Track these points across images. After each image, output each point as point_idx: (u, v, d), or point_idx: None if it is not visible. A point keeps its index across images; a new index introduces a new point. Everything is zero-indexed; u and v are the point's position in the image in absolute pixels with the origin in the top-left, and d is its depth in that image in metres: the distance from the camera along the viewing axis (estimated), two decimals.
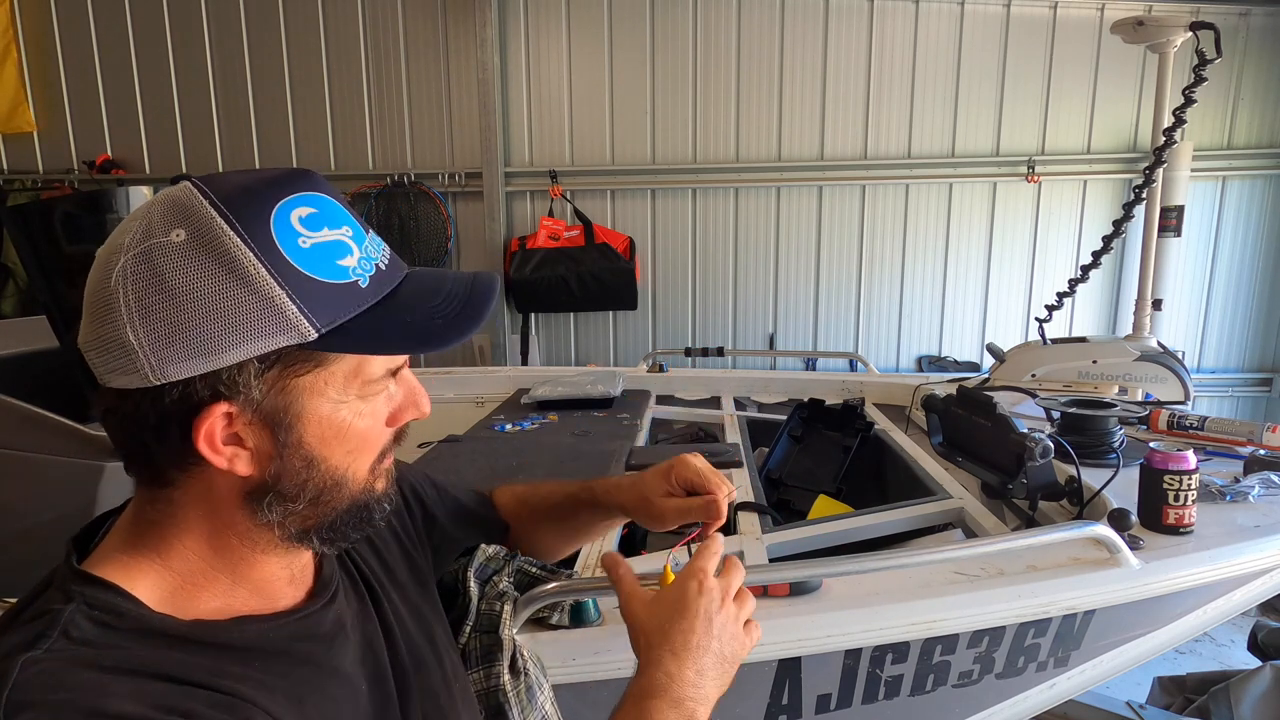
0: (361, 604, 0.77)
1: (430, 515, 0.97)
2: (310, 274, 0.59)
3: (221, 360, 0.57)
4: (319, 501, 0.64)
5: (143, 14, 4.70)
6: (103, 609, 0.57)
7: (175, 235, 0.56)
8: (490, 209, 4.60)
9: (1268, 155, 4.39)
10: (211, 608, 0.63)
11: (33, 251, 1.36)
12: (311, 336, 0.58)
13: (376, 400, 0.66)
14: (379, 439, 0.67)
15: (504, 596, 0.97)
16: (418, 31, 4.59)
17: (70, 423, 1.53)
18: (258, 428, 0.60)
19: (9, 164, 4.95)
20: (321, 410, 0.62)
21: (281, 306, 0.57)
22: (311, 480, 0.63)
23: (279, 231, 0.58)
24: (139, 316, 0.56)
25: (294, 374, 0.60)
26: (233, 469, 0.60)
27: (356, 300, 0.61)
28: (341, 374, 0.62)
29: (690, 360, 3.56)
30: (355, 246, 0.62)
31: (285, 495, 0.63)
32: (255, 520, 0.63)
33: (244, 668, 0.60)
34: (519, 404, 2.68)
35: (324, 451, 0.63)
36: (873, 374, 3.18)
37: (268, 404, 0.60)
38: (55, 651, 0.53)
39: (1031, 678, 1.40)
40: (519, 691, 0.93)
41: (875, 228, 4.60)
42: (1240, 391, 4.63)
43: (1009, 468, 1.59)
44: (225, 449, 0.60)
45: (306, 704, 0.63)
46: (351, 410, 0.64)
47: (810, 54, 4.46)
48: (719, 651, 0.74)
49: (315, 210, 0.61)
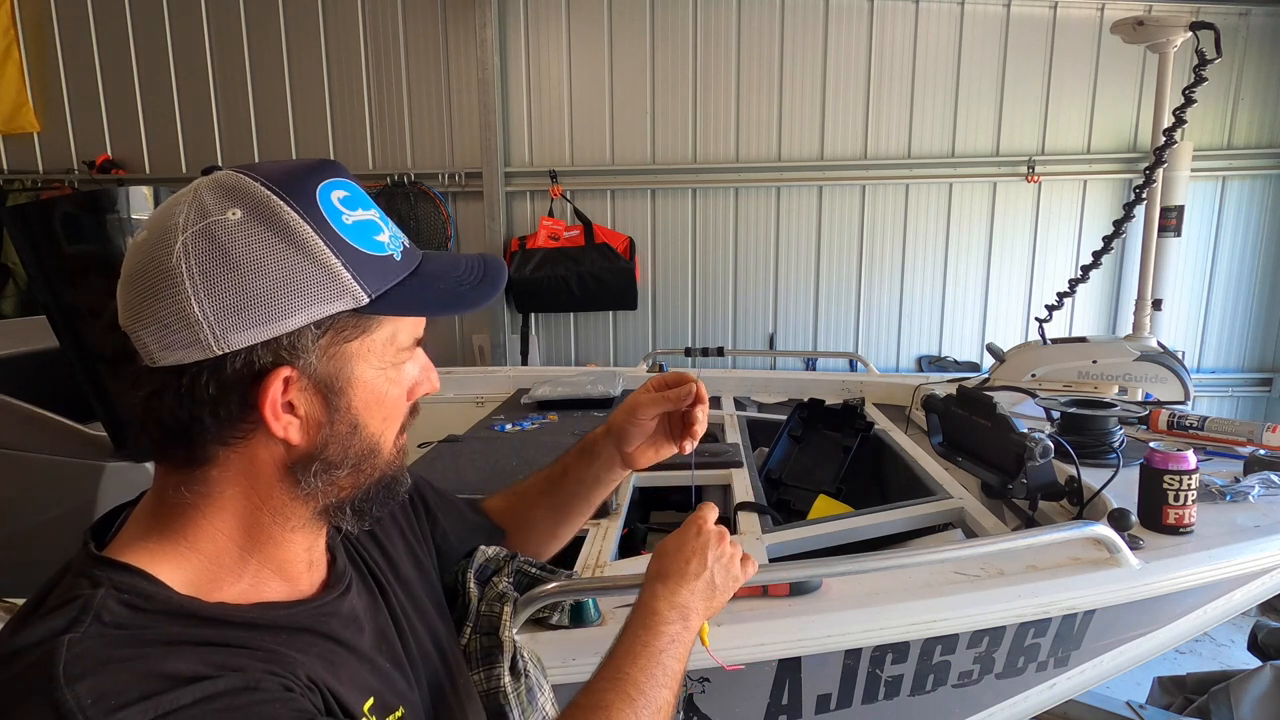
0: (372, 598, 0.79)
1: (433, 515, 0.98)
2: (358, 246, 0.63)
3: (284, 326, 0.60)
4: (359, 469, 0.68)
5: (143, 14, 4.69)
6: (131, 592, 0.58)
7: (232, 214, 0.60)
8: (490, 209, 4.60)
9: (1268, 155, 4.39)
10: (234, 593, 0.65)
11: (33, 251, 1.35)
12: (364, 301, 0.63)
13: (403, 369, 0.70)
14: (403, 409, 0.72)
15: (504, 598, 0.97)
16: (418, 31, 4.59)
17: (70, 423, 1.53)
18: (311, 394, 0.63)
19: (9, 164, 4.95)
20: (367, 376, 0.66)
21: (338, 274, 0.61)
22: (354, 447, 0.67)
23: (326, 208, 0.63)
24: (204, 289, 0.58)
25: (345, 339, 0.64)
26: (286, 437, 0.63)
27: (395, 270, 0.66)
28: (380, 341, 0.67)
29: (690, 360, 3.56)
30: (385, 227, 0.68)
31: (331, 463, 0.66)
32: (296, 492, 0.66)
33: (274, 639, 0.62)
34: (519, 404, 2.68)
35: (366, 417, 0.67)
36: (873, 374, 3.17)
37: (322, 369, 0.63)
38: (92, 634, 0.54)
39: (1031, 678, 1.40)
40: (519, 693, 0.94)
41: (875, 228, 4.60)
42: (1240, 391, 4.63)
43: (1009, 468, 1.59)
44: (284, 415, 0.63)
45: (337, 668, 0.65)
46: (387, 377, 0.68)
47: (810, 54, 4.46)
48: (709, 580, 0.88)
49: (349, 193, 0.66)
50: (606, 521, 1.60)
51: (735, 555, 0.91)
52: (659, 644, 0.80)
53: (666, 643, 0.80)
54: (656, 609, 0.83)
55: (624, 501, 1.73)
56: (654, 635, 0.81)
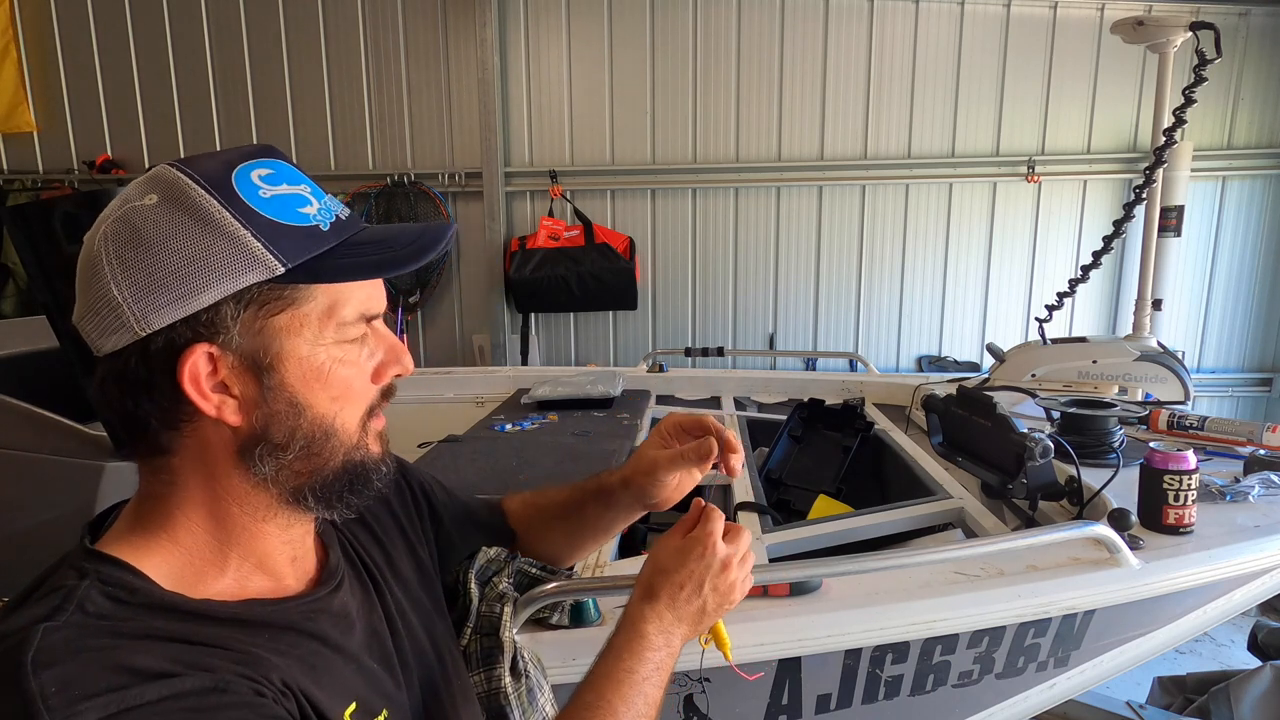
0: (365, 595, 0.78)
1: (437, 516, 0.97)
2: (273, 218, 0.62)
3: (199, 301, 0.60)
4: (310, 453, 0.66)
5: (143, 14, 4.69)
6: (115, 585, 0.59)
7: (148, 199, 0.62)
8: (490, 209, 4.60)
9: (1268, 155, 4.39)
10: (220, 588, 0.65)
11: (33, 251, 1.35)
12: (279, 271, 0.61)
13: (356, 349, 0.68)
14: (364, 391, 0.69)
15: (504, 598, 0.97)
16: (418, 31, 4.59)
17: (70, 423, 1.53)
18: (241, 371, 0.63)
19: (9, 164, 4.95)
20: (300, 350, 0.64)
21: (248, 245, 0.61)
22: (300, 428, 0.65)
23: (240, 185, 0.63)
24: (121, 271, 0.60)
25: (269, 313, 0.63)
26: (222, 417, 0.63)
27: (320, 240, 0.64)
28: (315, 315, 0.65)
29: (690, 360, 3.56)
30: (314, 200, 0.66)
31: (276, 444, 0.64)
32: (251, 477, 0.65)
33: (253, 637, 0.62)
34: (519, 404, 2.68)
35: (307, 396, 0.65)
36: (873, 374, 3.17)
37: (248, 345, 0.62)
38: (72, 623, 0.55)
39: (1031, 678, 1.40)
40: (520, 693, 0.93)
41: (875, 228, 4.60)
42: (1240, 391, 4.63)
43: (1009, 468, 1.59)
44: (213, 395, 0.62)
45: (319, 671, 0.64)
46: (330, 354, 0.66)
47: (810, 54, 4.46)
48: (701, 607, 0.82)
49: (273, 171, 0.65)
50: None
51: (737, 584, 0.84)
52: (643, 671, 0.77)
53: (651, 670, 0.78)
54: (644, 633, 0.80)
55: None
56: (639, 662, 0.78)
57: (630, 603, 0.83)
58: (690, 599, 0.82)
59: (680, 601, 0.81)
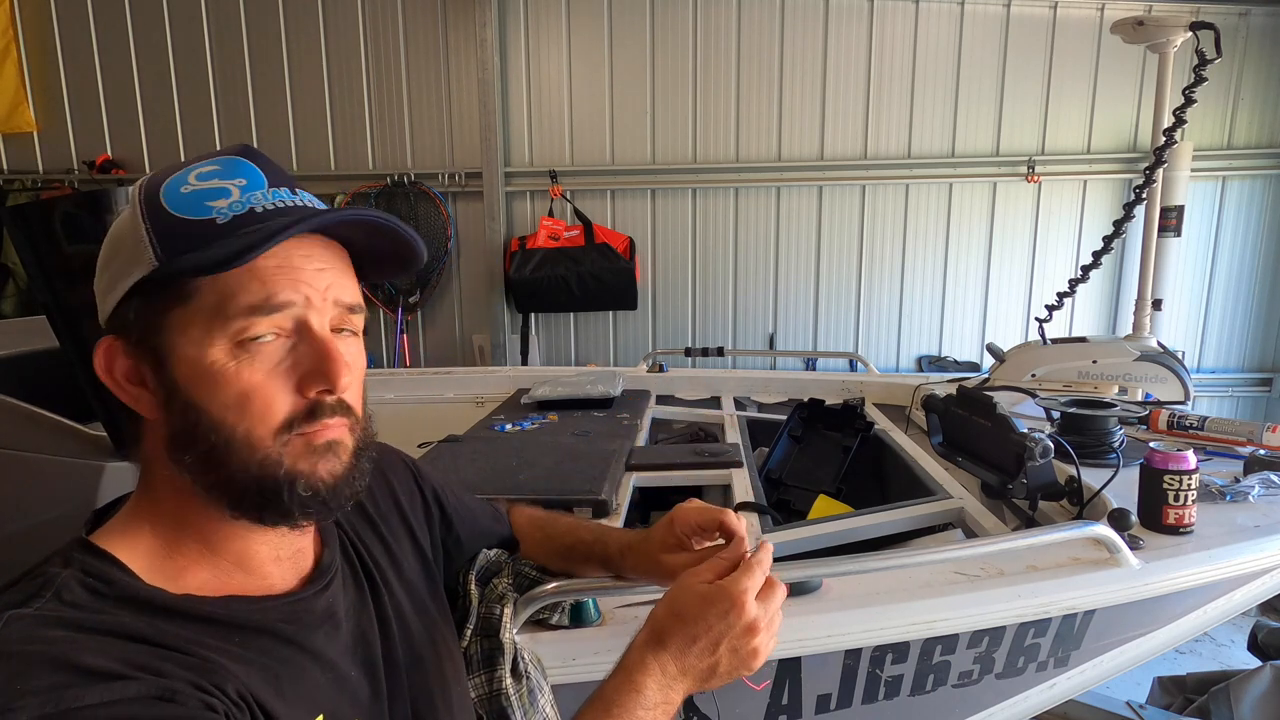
0: (360, 594, 0.77)
1: (448, 520, 0.97)
2: (174, 213, 0.63)
3: (115, 297, 0.65)
4: (212, 458, 0.62)
5: (143, 14, 4.69)
6: (96, 576, 0.60)
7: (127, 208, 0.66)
8: (490, 209, 4.60)
9: (1268, 155, 4.39)
10: (200, 581, 0.65)
11: (33, 251, 1.35)
12: (154, 264, 0.62)
13: (259, 352, 0.62)
14: (274, 401, 0.63)
15: (504, 599, 0.97)
16: (418, 31, 4.59)
17: (70, 423, 1.53)
18: (146, 366, 0.64)
19: (9, 164, 4.95)
20: (186, 350, 0.62)
21: (141, 240, 0.63)
22: (199, 431, 0.62)
23: (170, 184, 0.64)
24: (99, 271, 0.67)
25: (160, 310, 0.63)
26: (137, 408, 0.65)
27: (208, 234, 0.62)
28: (203, 313, 0.62)
29: (690, 360, 3.56)
30: (238, 193, 0.64)
31: (180, 443, 0.64)
32: (180, 470, 0.65)
33: (223, 641, 0.61)
34: (519, 404, 2.68)
35: (200, 399, 0.62)
36: (873, 374, 3.17)
37: (147, 340, 0.64)
38: (43, 611, 0.56)
39: (1031, 678, 1.40)
40: (521, 694, 0.93)
41: (875, 228, 4.60)
42: (1240, 391, 4.63)
43: (1009, 468, 1.59)
44: (130, 387, 0.65)
45: (283, 680, 0.63)
46: (223, 355, 0.62)
47: (810, 54, 4.46)
48: (711, 667, 0.74)
49: (218, 168, 0.66)
50: (606, 521, 1.60)
51: (760, 650, 0.74)
52: None
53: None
54: (641, 686, 0.71)
55: (624, 501, 1.73)
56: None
57: (633, 644, 0.75)
58: (703, 656, 0.73)
59: (691, 656, 0.73)
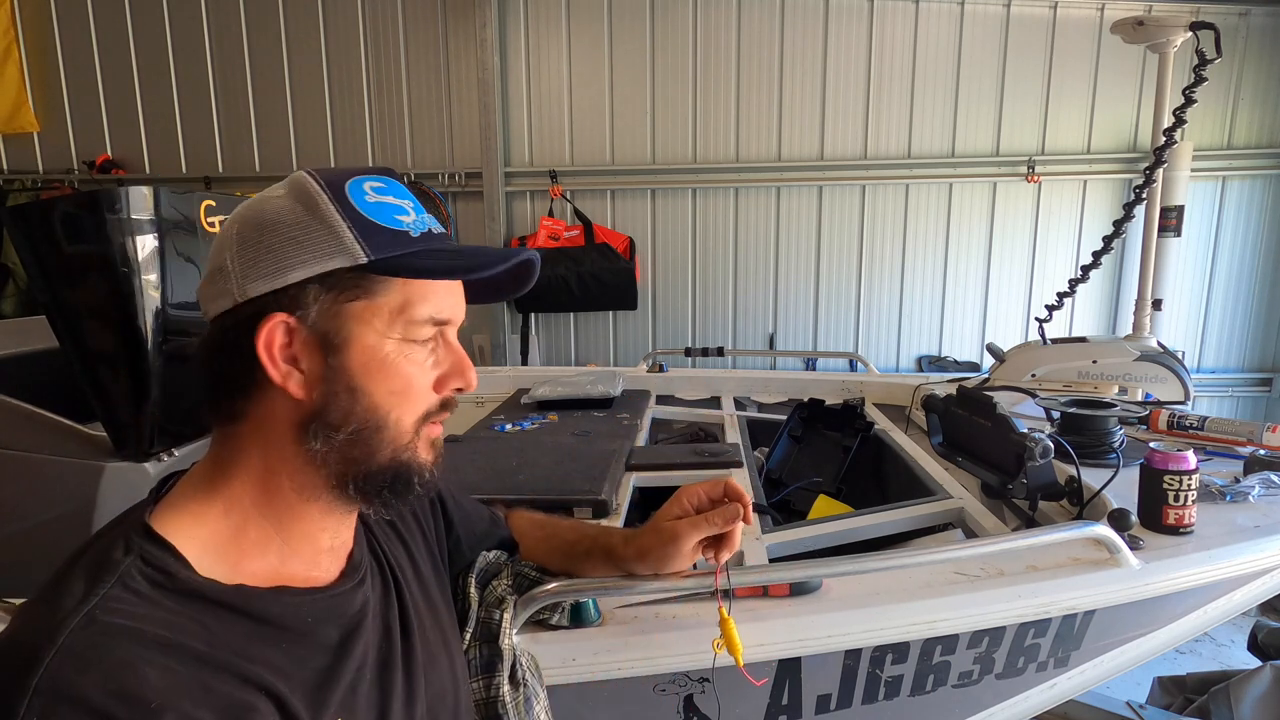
0: (385, 592, 0.80)
1: (450, 521, 0.98)
2: (370, 218, 0.69)
3: (290, 277, 0.66)
4: (359, 440, 0.69)
5: (143, 14, 4.70)
6: (155, 566, 0.62)
7: (279, 193, 0.70)
8: (490, 209, 4.60)
9: (1268, 155, 4.39)
10: (254, 570, 0.68)
11: (33, 251, 1.35)
12: (363, 260, 0.67)
13: (421, 350, 0.72)
14: (424, 393, 0.72)
15: (503, 604, 0.97)
16: (418, 31, 4.59)
17: (70, 423, 1.52)
18: (311, 348, 0.68)
19: (9, 164, 4.95)
20: (367, 339, 0.69)
21: (342, 235, 0.67)
22: (355, 413, 0.69)
23: (352, 188, 0.70)
24: (238, 246, 0.68)
25: (346, 299, 0.68)
26: (286, 386, 0.67)
27: (406, 243, 0.70)
28: (388, 309, 0.69)
29: (690, 360, 3.55)
30: (414, 213, 0.73)
31: (330, 424, 0.68)
32: (304, 453, 0.69)
33: (271, 647, 0.64)
34: (519, 404, 2.68)
35: (367, 383, 0.69)
36: (873, 374, 3.17)
37: (321, 324, 0.67)
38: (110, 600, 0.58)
39: (1031, 678, 1.40)
40: (518, 702, 0.93)
41: (875, 228, 4.61)
42: (1240, 391, 4.63)
43: (1009, 468, 1.58)
44: (282, 365, 0.67)
45: (324, 689, 0.67)
46: (396, 348, 0.70)
47: (810, 54, 4.47)
48: None
49: (384, 184, 0.72)
50: (606, 521, 1.60)
51: None
52: None
53: None
54: None
55: (624, 501, 1.73)
56: None
57: None
58: None
59: None
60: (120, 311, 1.34)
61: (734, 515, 0.90)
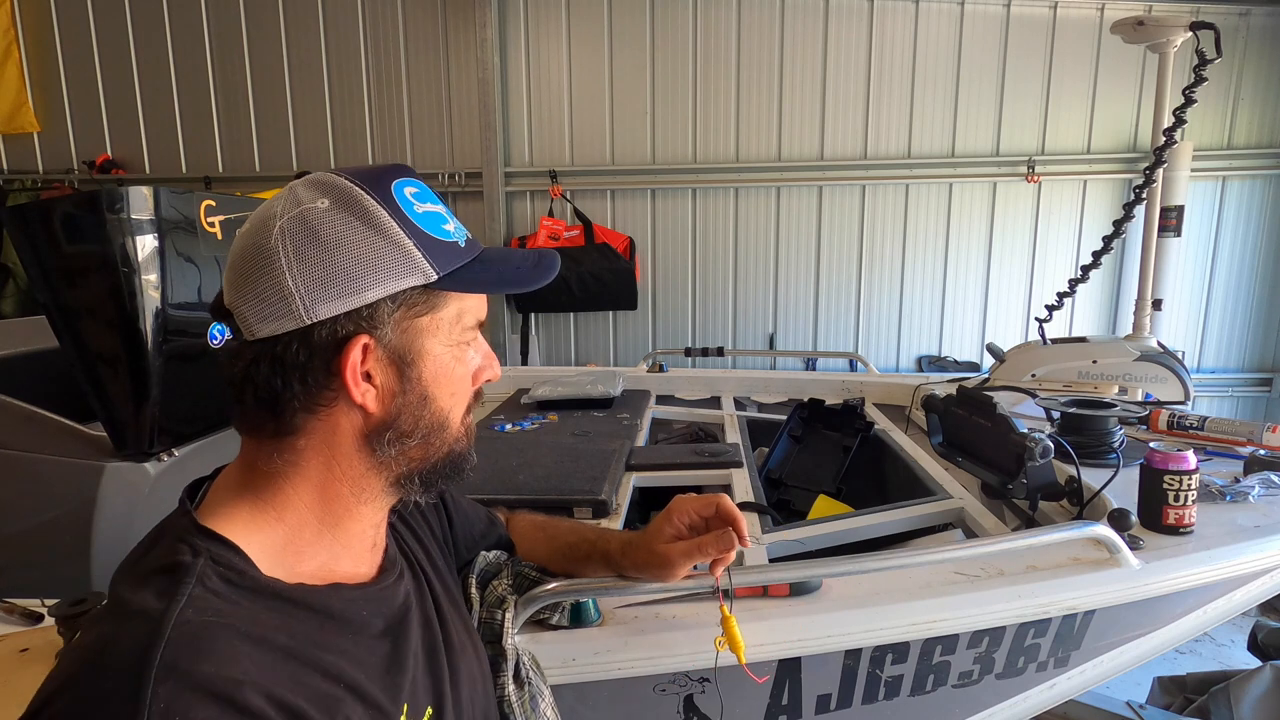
0: (417, 584, 0.82)
1: (450, 518, 1.00)
2: (428, 232, 0.70)
3: (364, 298, 0.67)
4: (428, 441, 0.73)
5: (143, 14, 4.70)
6: (226, 566, 0.63)
7: (321, 202, 0.67)
8: (490, 209, 4.60)
9: (1268, 155, 4.39)
10: (309, 569, 0.69)
11: (33, 251, 1.35)
12: (433, 278, 0.69)
13: (468, 350, 0.76)
14: (468, 389, 0.77)
15: (504, 604, 0.97)
16: (418, 31, 4.59)
17: (70, 423, 1.52)
18: (386, 364, 0.69)
19: (9, 164, 4.95)
20: (435, 350, 0.72)
21: (410, 253, 0.68)
22: (424, 418, 0.72)
23: (400, 199, 0.70)
24: (297, 265, 0.65)
25: (416, 314, 0.70)
26: (364, 404, 0.69)
27: (460, 255, 0.72)
28: (448, 319, 0.73)
29: (690, 360, 3.55)
30: (451, 220, 0.75)
31: (403, 432, 0.71)
32: (371, 461, 0.71)
33: (342, 638, 0.66)
34: (519, 404, 2.68)
35: (435, 390, 0.73)
36: (873, 374, 3.17)
37: (396, 341, 0.69)
38: (196, 600, 0.58)
39: (1031, 678, 1.40)
40: (523, 701, 0.93)
41: (875, 228, 4.61)
42: (1240, 391, 4.63)
43: (1009, 468, 1.58)
44: (362, 383, 0.68)
45: (391, 673, 0.69)
46: (453, 354, 0.74)
47: (810, 54, 4.47)
48: None
49: (418, 190, 0.73)
50: (606, 521, 1.60)
51: None
52: None
53: None
54: None
55: (624, 501, 1.73)
56: None
57: None
58: None
59: None
60: (120, 311, 1.34)
61: (729, 544, 0.91)
